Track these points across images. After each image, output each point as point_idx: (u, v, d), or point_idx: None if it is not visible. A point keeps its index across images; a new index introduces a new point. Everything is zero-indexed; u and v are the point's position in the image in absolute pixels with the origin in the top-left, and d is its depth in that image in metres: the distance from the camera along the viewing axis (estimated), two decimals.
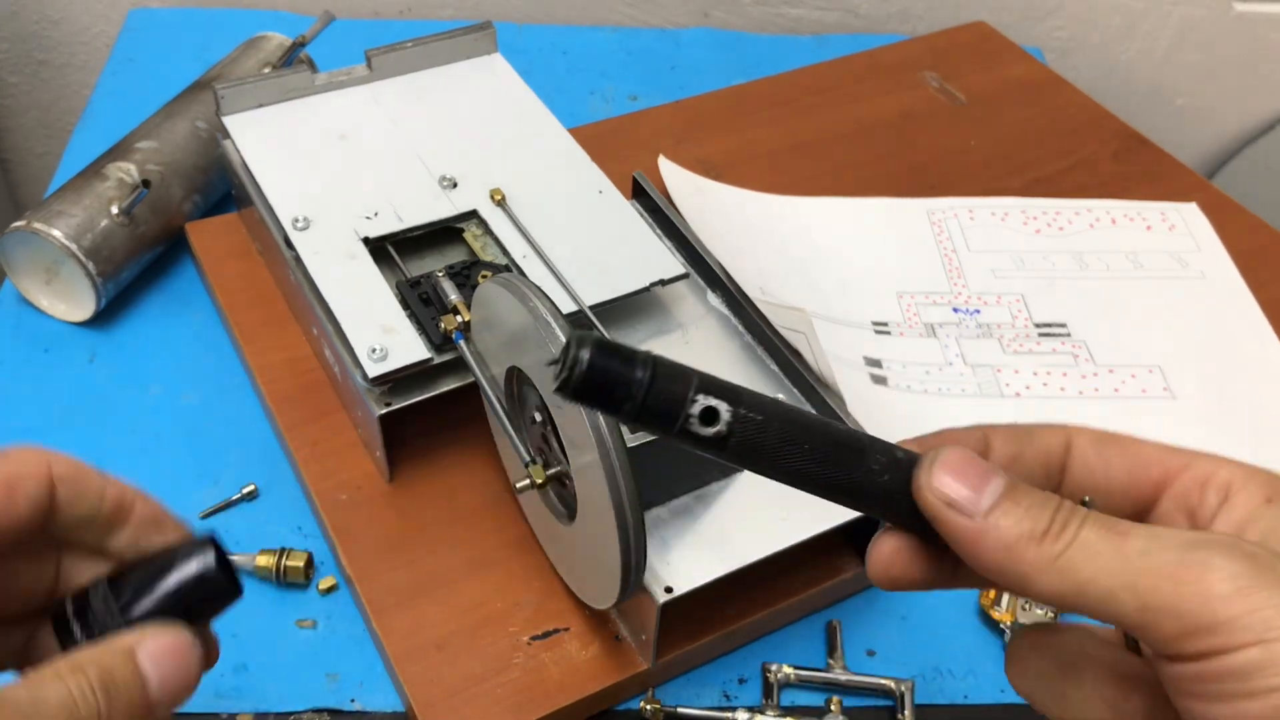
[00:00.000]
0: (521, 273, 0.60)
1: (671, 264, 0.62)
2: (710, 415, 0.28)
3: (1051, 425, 0.33)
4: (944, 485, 0.30)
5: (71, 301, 0.68)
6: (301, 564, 0.56)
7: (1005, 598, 0.57)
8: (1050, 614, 0.56)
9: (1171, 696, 0.28)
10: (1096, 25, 1.08)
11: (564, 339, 0.44)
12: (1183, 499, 0.31)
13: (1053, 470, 0.33)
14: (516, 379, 0.52)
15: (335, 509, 0.58)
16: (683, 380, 0.28)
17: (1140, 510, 0.32)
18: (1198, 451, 0.32)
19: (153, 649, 0.33)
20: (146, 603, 0.33)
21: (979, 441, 0.33)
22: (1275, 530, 0.29)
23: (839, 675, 0.54)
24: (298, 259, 0.60)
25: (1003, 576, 0.29)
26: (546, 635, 0.54)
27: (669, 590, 0.49)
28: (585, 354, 0.28)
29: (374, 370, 0.55)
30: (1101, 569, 0.28)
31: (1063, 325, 0.70)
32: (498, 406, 0.53)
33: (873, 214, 0.78)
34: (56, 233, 0.64)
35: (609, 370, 0.28)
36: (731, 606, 0.55)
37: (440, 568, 0.56)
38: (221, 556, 0.34)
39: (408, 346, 0.56)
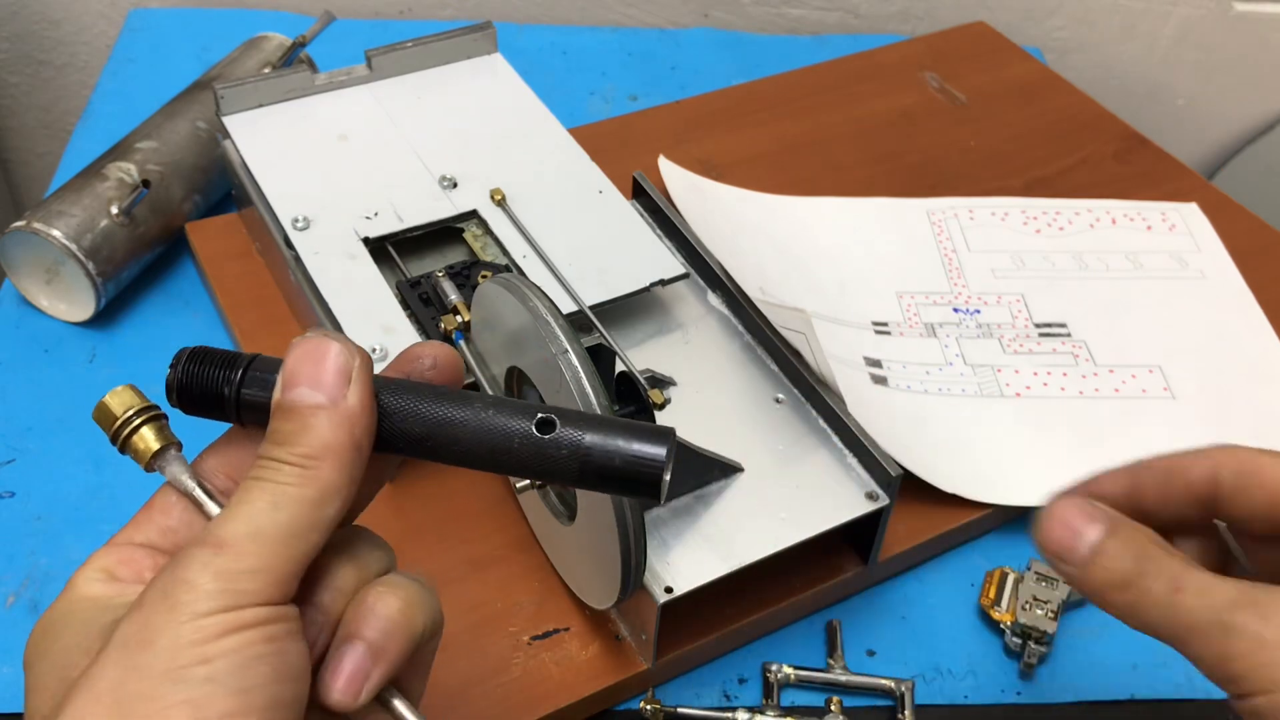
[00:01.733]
0: (521, 273, 0.60)
1: (671, 264, 0.62)
2: None
3: (1200, 454, 0.38)
4: (1048, 539, 0.37)
5: (72, 301, 0.68)
6: None
7: (1005, 598, 0.57)
8: (1051, 614, 0.56)
9: None
10: (1096, 25, 1.08)
11: (565, 346, 0.44)
12: None
13: (1202, 500, 0.37)
14: (516, 379, 0.52)
15: None
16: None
17: None
18: None
19: (286, 375, 0.32)
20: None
21: (1128, 481, 0.38)
22: None
23: (839, 675, 0.54)
24: (298, 259, 0.60)
25: (1106, 610, 0.37)
26: (546, 635, 0.54)
27: (669, 590, 0.49)
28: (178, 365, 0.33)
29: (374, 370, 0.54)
30: (1162, 621, 0.35)
31: (1063, 325, 0.70)
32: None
33: (873, 214, 0.78)
34: (56, 233, 0.64)
35: (201, 375, 0.33)
36: (731, 606, 0.55)
37: (440, 568, 0.56)
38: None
39: (408, 346, 0.56)
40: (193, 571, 0.28)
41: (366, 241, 0.61)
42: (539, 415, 0.32)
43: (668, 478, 0.31)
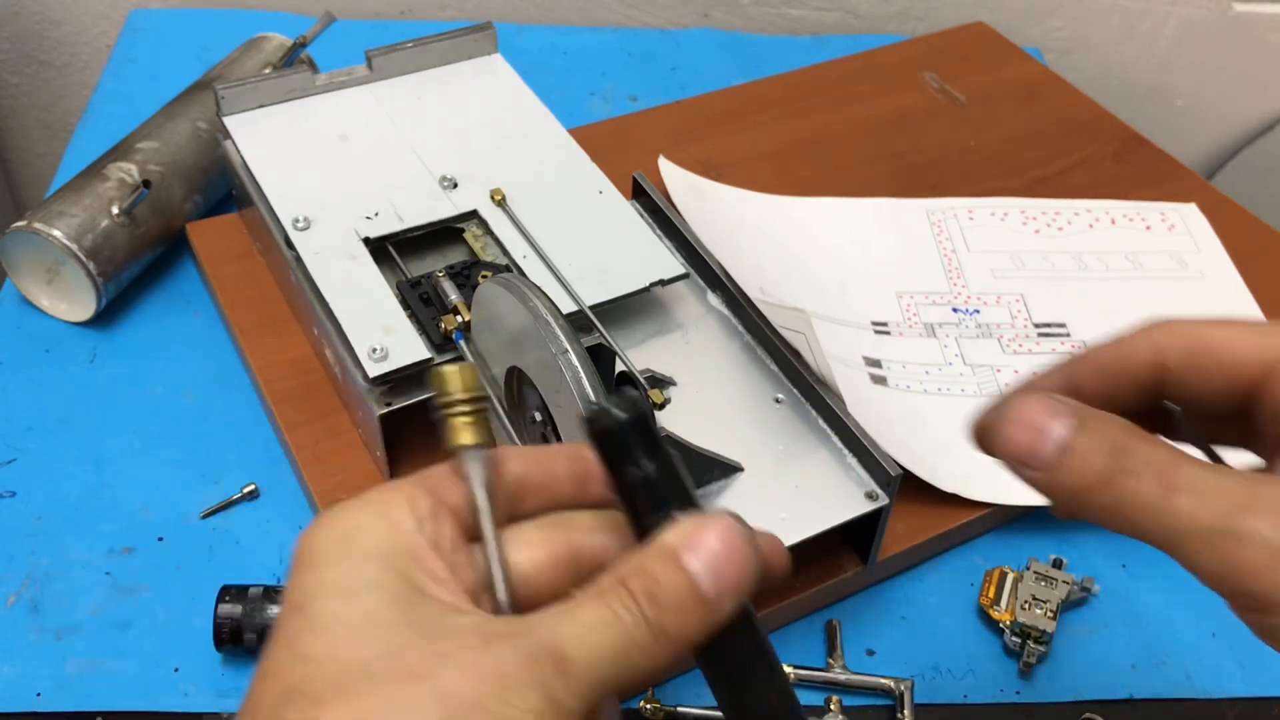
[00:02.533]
0: (521, 273, 0.60)
1: (671, 264, 0.62)
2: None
3: (1138, 337, 0.33)
4: (1007, 443, 0.31)
5: (72, 301, 0.68)
6: None
7: (1005, 597, 0.57)
8: (1050, 613, 0.56)
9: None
10: (1096, 25, 1.08)
11: (565, 346, 0.44)
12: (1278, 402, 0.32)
13: (1148, 387, 0.33)
14: (516, 379, 0.52)
15: None
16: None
17: (1242, 409, 0.32)
18: None
19: (700, 546, 0.30)
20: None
21: (1063, 380, 0.34)
22: None
23: (838, 675, 0.55)
24: (298, 259, 0.61)
25: (1082, 517, 0.31)
26: None
27: None
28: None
29: (374, 370, 0.55)
30: (1152, 525, 0.30)
31: (1062, 325, 0.70)
32: (498, 406, 0.53)
33: (873, 214, 0.78)
34: (57, 233, 0.64)
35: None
36: None
37: None
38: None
39: (408, 346, 0.56)
40: (526, 682, 0.27)
41: (367, 241, 0.61)
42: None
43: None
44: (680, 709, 0.53)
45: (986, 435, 0.32)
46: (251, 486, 0.61)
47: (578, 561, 0.33)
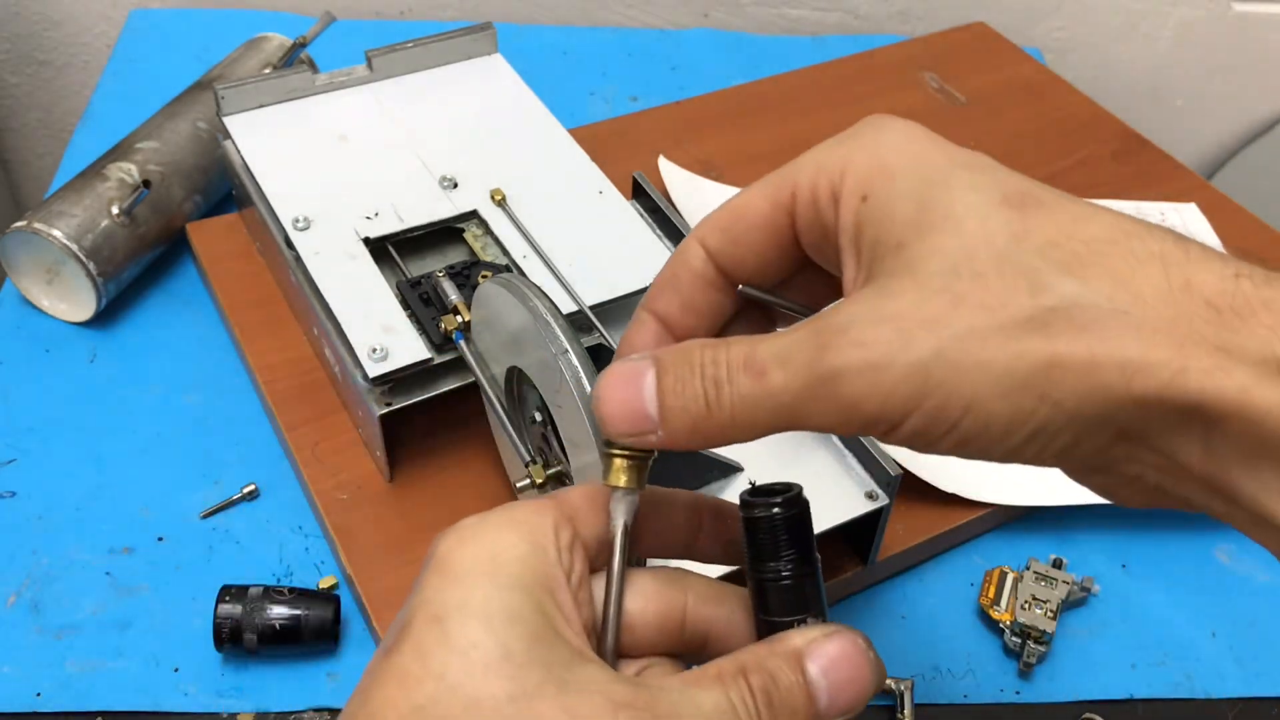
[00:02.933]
0: (521, 273, 0.60)
1: None
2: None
3: (679, 256, 0.33)
4: (616, 427, 0.30)
5: (72, 301, 0.68)
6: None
7: (1004, 597, 0.57)
8: (1050, 613, 0.56)
9: None
10: (1096, 25, 1.08)
11: (565, 346, 0.44)
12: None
13: (723, 288, 0.33)
14: (516, 379, 0.52)
15: (335, 509, 0.58)
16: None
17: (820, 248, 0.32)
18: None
19: (824, 657, 0.30)
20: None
21: (655, 326, 0.34)
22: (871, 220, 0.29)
23: None
24: (298, 259, 0.61)
25: (730, 443, 0.30)
26: None
27: None
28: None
29: (374, 370, 0.55)
30: (773, 416, 0.29)
31: None
32: (498, 406, 0.53)
33: None
34: (57, 233, 0.64)
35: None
36: None
37: None
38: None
39: (408, 346, 0.56)
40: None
41: (367, 241, 0.61)
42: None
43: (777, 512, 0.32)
44: None
45: (603, 426, 0.31)
46: (251, 486, 0.61)
47: (684, 625, 0.33)
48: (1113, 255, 0.27)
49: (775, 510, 0.31)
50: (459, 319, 0.56)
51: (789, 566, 0.31)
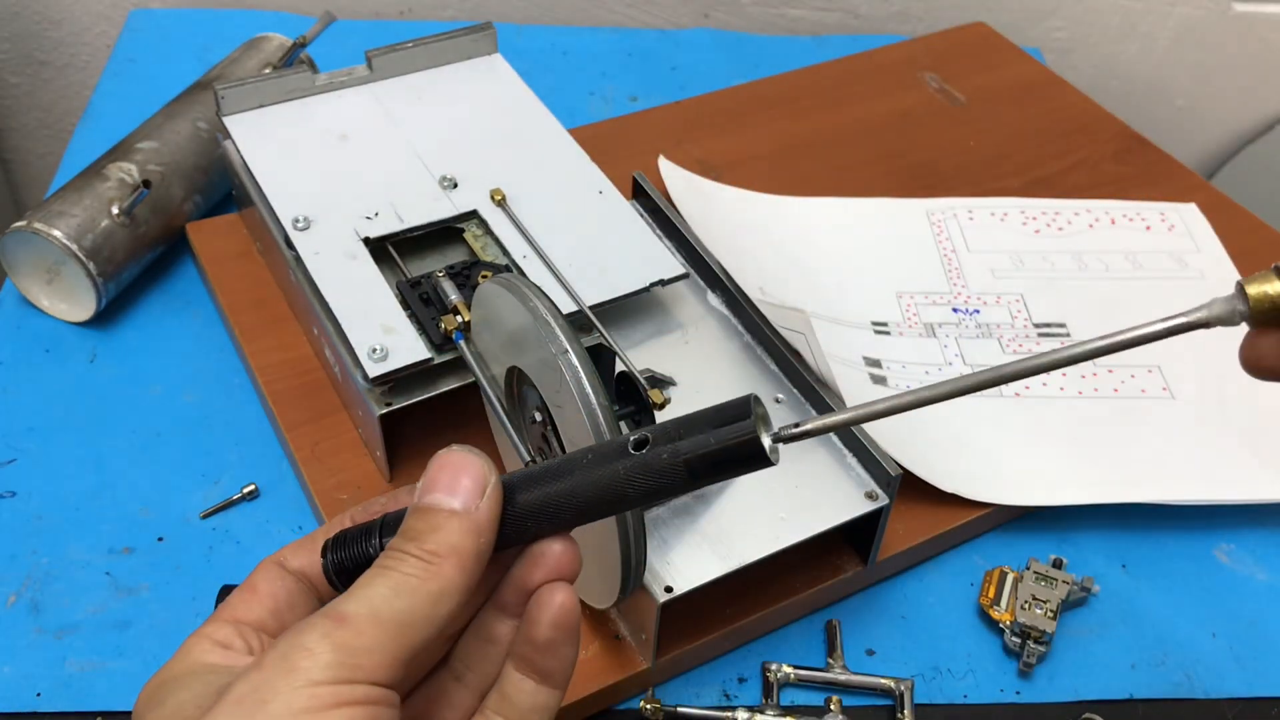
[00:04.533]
0: (521, 273, 0.60)
1: (671, 264, 0.62)
2: None
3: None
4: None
5: (72, 301, 0.68)
6: None
7: (1005, 597, 0.57)
8: (1050, 613, 0.56)
9: None
10: (1096, 25, 1.08)
11: (565, 346, 0.44)
12: None
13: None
14: (516, 379, 0.52)
15: (336, 509, 0.58)
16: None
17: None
18: None
19: (434, 487, 0.33)
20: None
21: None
22: None
23: (838, 675, 0.55)
24: (298, 259, 0.61)
25: None
26: None
27: (669, 590, 0.49)
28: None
29: (374, 370, 0.55)
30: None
31: (1062, 325, 0.70)
32: (498, 406, 0.53)
33: (872, 214, 0.78)
34: (57, 233, 0.64)
35: (350, 554, 0.35)
36: (731, 606, 0.55)
37: None
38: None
39: (408, 346, 0.56)
40: (312, 639, 0.29)
41: (367, 241, 0.61)
42: (631, 439, 0.33)
43: (768, 441, 0.32)
44: (680, 708, 0.53)
45: None
46: (251, 486, 0.61)
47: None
48: None
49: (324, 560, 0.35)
50: (459, 319, 0.56)
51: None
